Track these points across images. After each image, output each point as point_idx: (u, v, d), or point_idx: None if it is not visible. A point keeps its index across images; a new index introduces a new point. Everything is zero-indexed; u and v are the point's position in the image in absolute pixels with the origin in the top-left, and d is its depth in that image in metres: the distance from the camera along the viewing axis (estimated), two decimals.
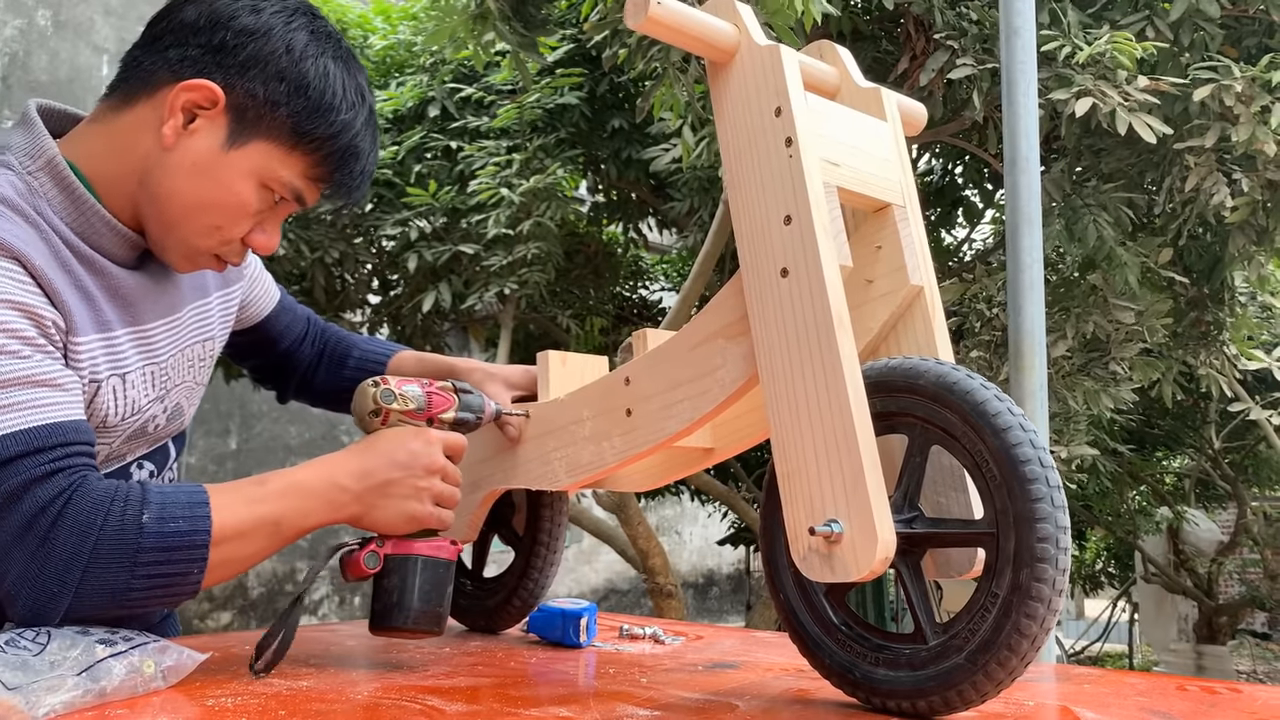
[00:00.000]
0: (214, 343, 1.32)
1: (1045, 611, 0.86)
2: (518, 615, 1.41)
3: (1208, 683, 1.23)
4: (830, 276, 0.95)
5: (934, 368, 0.95)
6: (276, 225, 1.18)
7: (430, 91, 4.56)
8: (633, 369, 1.14)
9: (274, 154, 1.11)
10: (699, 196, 4.47)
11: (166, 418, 1.23)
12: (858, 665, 0.97)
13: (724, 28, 1.03)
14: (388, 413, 1.14)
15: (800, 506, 0.94)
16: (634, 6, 0.99)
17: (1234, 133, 2.95)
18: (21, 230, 1.03)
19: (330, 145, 1.13)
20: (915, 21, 3.32)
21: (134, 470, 1.21)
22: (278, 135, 1.11)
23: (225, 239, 1.14)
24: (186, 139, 1.09)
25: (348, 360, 1.52)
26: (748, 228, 1.01)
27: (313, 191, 1.16)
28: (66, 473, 0.98)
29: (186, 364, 1.25)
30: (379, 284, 5.00)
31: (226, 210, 1.12)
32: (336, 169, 1.15)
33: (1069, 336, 3.43)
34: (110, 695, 0.90)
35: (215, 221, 1.12)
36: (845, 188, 1.02)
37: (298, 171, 1.13)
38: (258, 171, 1.11)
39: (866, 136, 1.08)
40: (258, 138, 1.10)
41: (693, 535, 10.94)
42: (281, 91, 1.09)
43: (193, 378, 1.27)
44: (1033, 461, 0.88)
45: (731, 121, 1.03)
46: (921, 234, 1.09)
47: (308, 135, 1.11)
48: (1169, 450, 7.42)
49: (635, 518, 4.82)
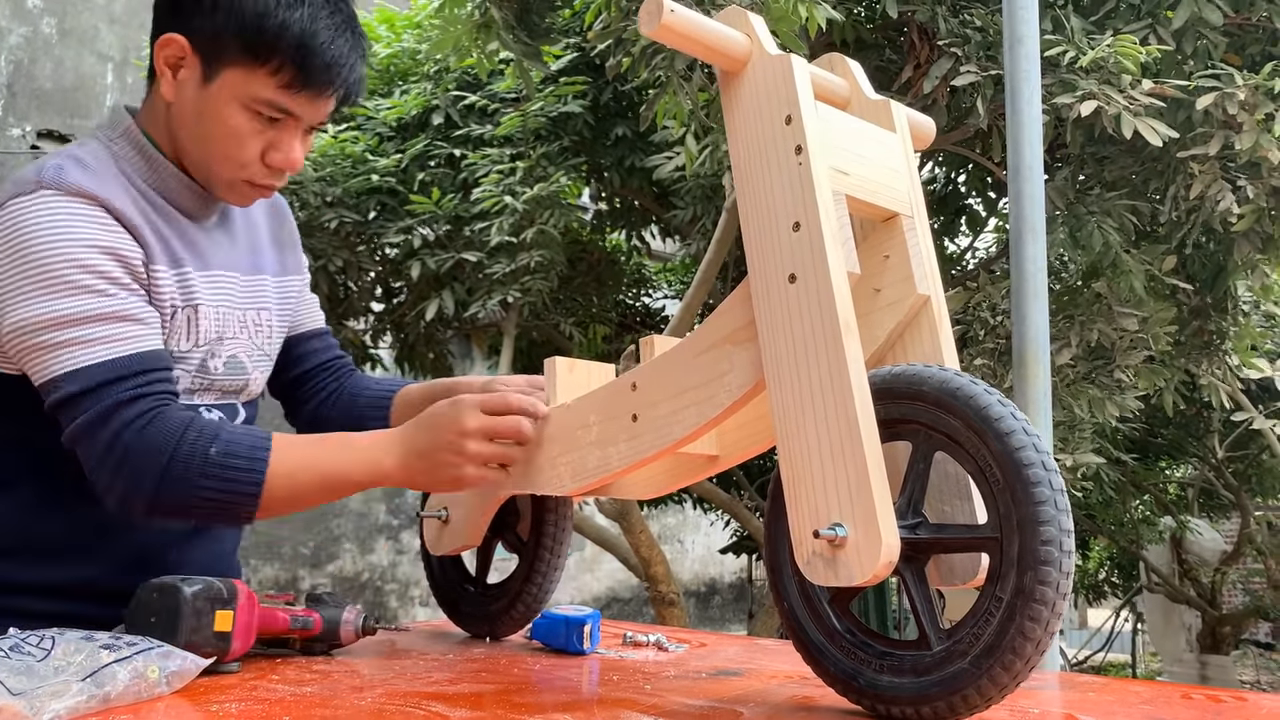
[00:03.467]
0: (270, 315, 1.42)
1: (1049, 614, 0.86)
2: (521, 622, 1.41)
3: (1213, 691, 1.23)
4: (838, 282, 0.95)
5: (937, 374, 0.95)
6: (291, 143, 1.28)
7: (434, 99, 4.56)
8: (639, 375, 1.14)
9: (240, 77, 1.23)
10: (702, 204, 4.46)
11: (224, 365, 1.33)
12: (862, 672, 0.97)
13: (736, 37, 1.04)
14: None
15: (805, 510, 0.94)
16: (647, 14, 1.00)
17: (1238, 140, 2.95)
18: (104, 181, 1.22)
19: (279, 47, 1.21)
20: (919, 29, 3.32)
21: (204, 412, 1.30)
22: (236, 58, 1.22)
23: (241, 163, 1.27)
24: (180, 90, 1.26)
25: (362, 394, 1.56)
26: (756, 234, 1.02)
27: (294, 100, 1.24)
28: (149, 398, 1.15)
29: (239, 324, 1.36)
30: (382, 292, 4.99)
31: (227, 139, 1.25)
32: (299, 70, 1.22)
33: (1073, 344, 3.42)
34: (114, 700, 0.90)
35: (223, 150, 1.26)
36: (854, 196, 1.03)
37: (268, 86, 1.23)
38: (235, 96, 1.23)
39: (875, 147, 1.09)
40: (223, 67, 1.23)
41: (695, 543, 10.92)
42: (222, 19, 1.21)
43: (248, 338, 1.37)
44: (1036, 465, 0.88)
45: (742, 129, 1.04)
46: (929, 244, 1.10)
47: (256, 48, 1.21)
48: (1172, 459, 7.40)
49: (637, 526, 4.81)
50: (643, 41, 2.88)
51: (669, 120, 3.27)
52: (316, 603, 1.25)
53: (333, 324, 4.59)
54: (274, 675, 1.09)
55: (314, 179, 4.31)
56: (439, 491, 1.30)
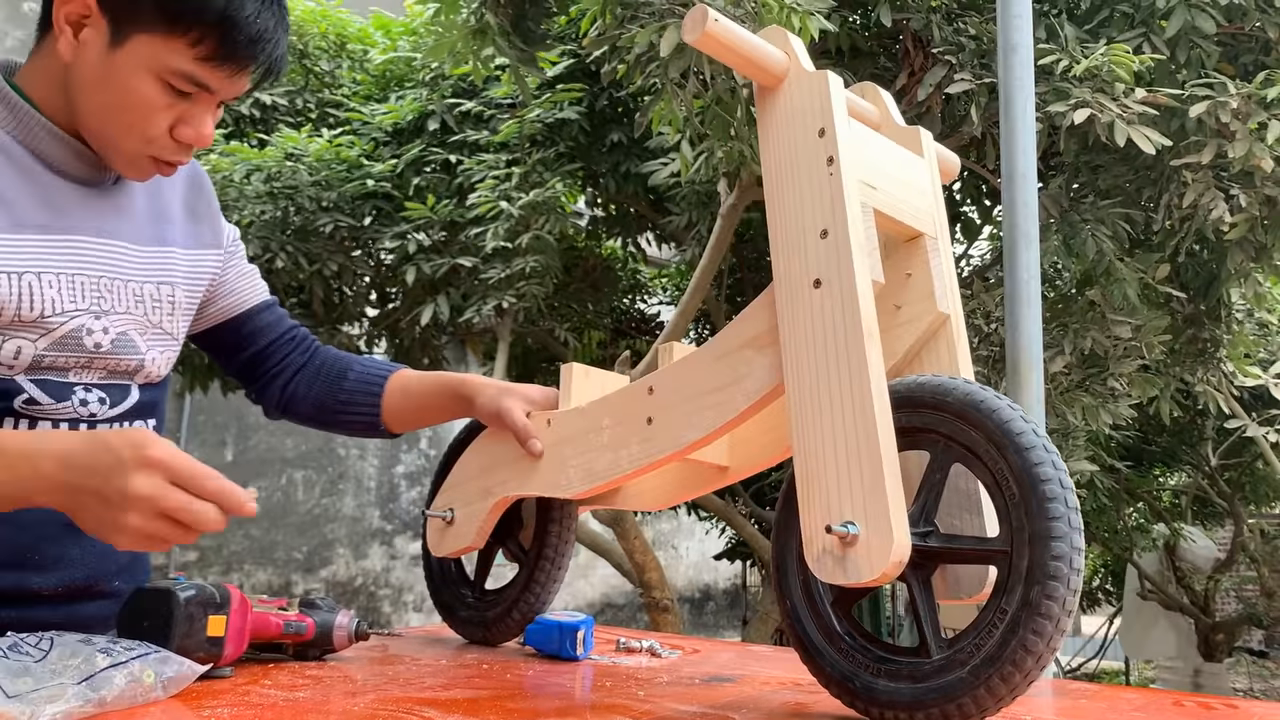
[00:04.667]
0: (174, 291, 1.31)
1: (1053, 630, 0.87)
2: (516, 628, 1.41)
3: (1204, 698, 1.23)
4: (863, 288, 0.97)
5: (962, 385, 0.96)
6: (203, 117, 1.18)
7: (430, 105, 4.58)
8: (657, 379, 1.15)
9: (154, 44, 1.12)
10: (697, 211, 4.48)
11: (110, 342, 1.23)
12: (859, 675, 0.97)
13: (775, 53, 1.06)
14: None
15: (818, 508, 0.95)
16: (692, 22, 1.02)
17: (1230, 149, 2.96)
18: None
19: (200, 20, 1.11)
20: (913, 38, 3.33)
21: (77, 389, 1.21)
22: (150, 24, 1.11)
23: (147, 137, 1.16)
24: (81, 51, 1.14)
25: (347, 374, 1.49)
26: (784, 240, 1.03)
27: (213, 74, 1.15)
28: None
29: (134, 298, 1.26)
30: (377, 297, 5.00)
31: (133, 110, 1.14)
32: (221, 43, 1.13)
33: (1067, 352, 3.43)
34: (110, 705, 0.90)
35: (128, 121, 1.15)
36: (881, 211, 1.05)
37: (185, 57, 1.13)
38: (147, 65, 1.12)
39: (904, 167, 1.12)
40: (134, 32, 1.11)
41: (689, 550, 10.92)
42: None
43: (144, 313, 1.27)
44: (1053, 481, 0.89)
45: (775, 140, 1.06)
46: (951, 265, 1.13)
47: (176, 16, 1.11)
48: (1166, 467, 7.42)
49: (632, 532, 4.82)
50: (637, 48, 2.88)
51: (664, 127, 3.27)
52: (310, 608, 1.25)
53: (327, 328, 4.60)
54: (266, 680, 1.09)
55: (309, 183, 4.32)
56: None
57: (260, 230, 4.21)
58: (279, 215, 4.28)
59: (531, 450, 1.29)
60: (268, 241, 4.21)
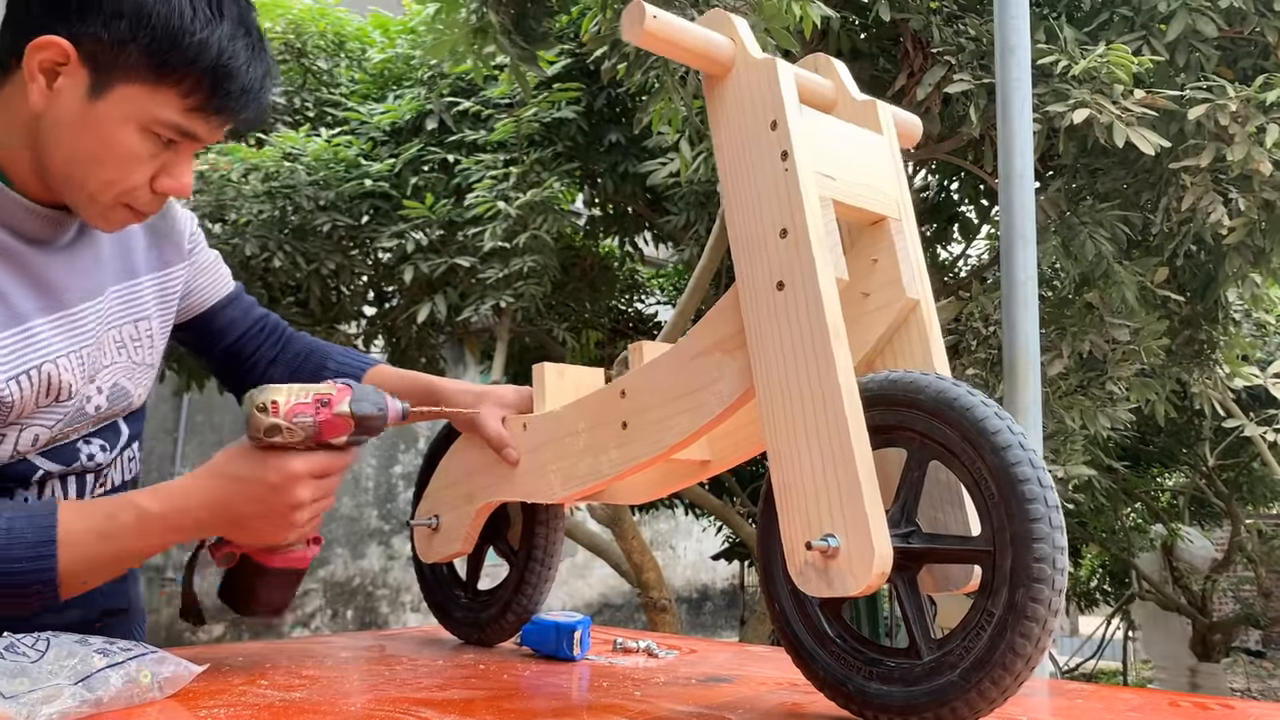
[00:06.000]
0: (150, 323, 1.28)
1: (1040, 631, 0.86)
2: (512, 629, 1.41)
3: (1200, 698, 1.23)
4: (826, 289, 0.95)
5: (935, 383, 0.95)
6: (184, 166, 1.13)
7: (428, 104, 4.58)
8: (629, 382, 1.14)
9: (140, 95, 1.06)
10: (696, 210, 4.48)
11: (107, 399, 1.21)
12: (851, 678, 0.97)
13: (720, 41, 1.03)
14: (271, 442, 1.07)
15: (797, 521, 0.94)
16: (630, 19, 0.99)
17: (1229, 152, 2.96)
18: None
19: (193, 71, 1.06)
20: (913, 38, 3.34)
21: (80, 446, 1.19)
22: (137, 75, 1.05)
23: (127, 189, 1.10)
24: (55, 99, 1.05)
25: (323, 370, 1.46)
26: (743, 241, 1.01)
27: (200, 123, 1.10)
28: None
29: (116, 345, 1.22)
30: (374, 296, 5.00)
31: (114, 163, 1.08)
32: (212, 94, 1.08)
33: (1065, 355, 3.43)
34: (106, 705, 0.90)
35: (107, 176, 1.08)
36: (841, 201, 1.02)
37: (173, 108, 1.07)
38: (132, 116, 1.06)
39: (862, 150, 1.08)
40: (118, 82, 1.05)
41: (687, 550, 10.93)
42: (124, 29, 1.03)
43: (127, 358, 1.25)
44: (1031, 481, 0.88)
45: (727, 134, 1.04)
46: (917, 247, 1.09)
47: (165, 67, 1.05)
48: (1164, 467, 7.43)
49: (629, 532, 4.82)
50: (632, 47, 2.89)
51: (663, 126, 3.28)
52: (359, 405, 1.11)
53: (324, 327, 4.59)
54: (263, 681, 1.09)
55: (307, 183, 4.32)
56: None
57: (258, 229, 4.21)
58: (276, 214, 4.28)
59: (507, 459, 1.28)
60: (265, 240, 4.21)
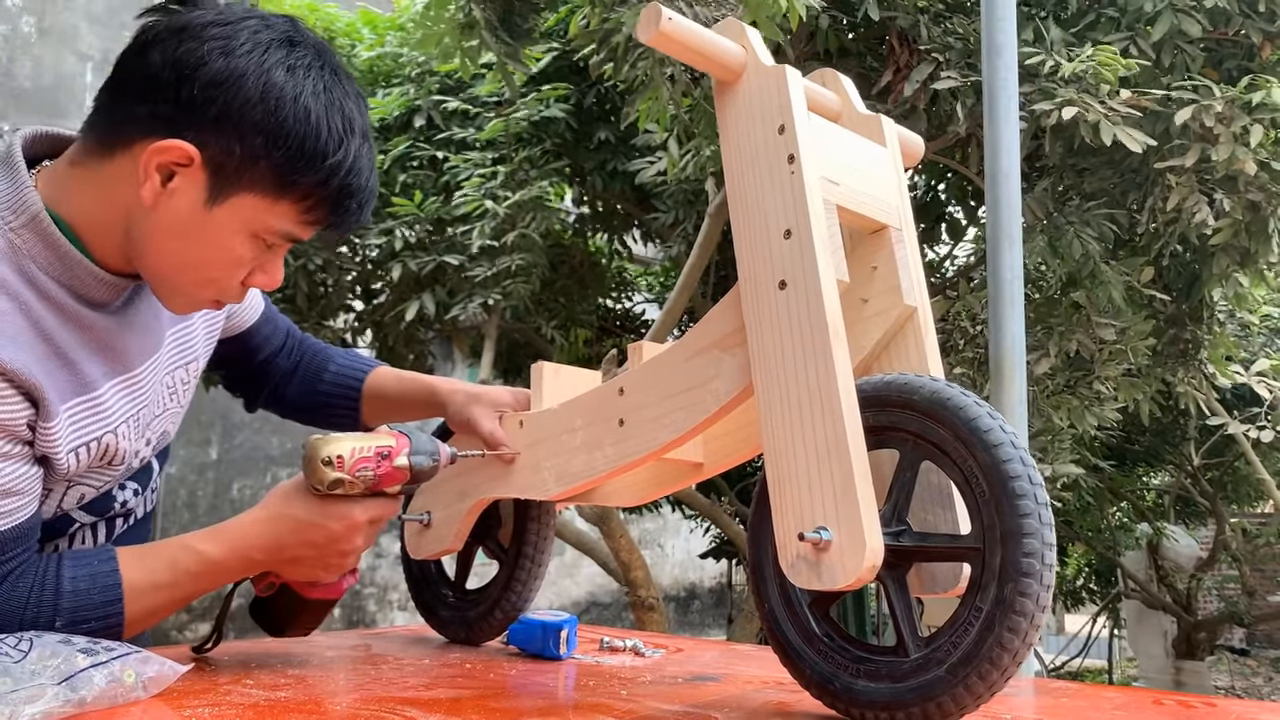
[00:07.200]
0: (197, 364, 1.30)
1: (1028, 626, 0.87)
2: (499, 627, 1.41)
3: (1184, 697, 1.24)
4: (827, 289, 0.96)
5: (928, 384, 0.97)
6: (278, 263, 1.13)
7: (416, 101, 4.57)
8: (627, 380, 1.15)
9: (260, 205, 1.05)
10: (683, 209, 4.48)
11: (151, 449, 1.22)
12: (838, 676, 0.97)
13: (732, 48, 1.05)
14: (331, 484, 1.12)
15: (790, 513, 0.95)
16: (646, 21, 1.01)
17: (1214, 153, 2.98)
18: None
19: (320, 191, 1.06)
20: (899, 36, 3.34)
21: (115, 493, 1.19)
22: (262, 187, 1.04)
23: (225, 287, 1.11)
24: (167, 199, 1.03)
25: (323, 374, 1.49)
26: (748, 241, 1.03)
27: (310, 231, 1.11)
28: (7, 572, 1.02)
29: (168, 392, 1.23)
30: (362, 292, 4.99)
31: (219, 266, 1.08)
32: (334, 210, 1.09)
33: (1052, 354, 3.44)
34: (90, 705, 0.90)
35: (210, 276, 1.09)
36: (844, 206, 1.04)
37: (290, 219, 1.07)
38: (246, 225, 1.06)
39: (866, 159, 1.11)
40: (241, 191, 1.04)
41: (675, 548, 10.93)
42: (260, 144, 1.02)
43: (176, 403, 1.26)
44: (1022, 478, 0.89)
45: (735, 138, 1.05)
46: (916, 256, 1.12)
47: (293, 185, 1.05)
48: (1149, 467, 7.46)
49: (617, 530, 4.82)
50: (625, 29, 2.88)
51: (651, 125, 3.28)
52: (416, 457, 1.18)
53: (312, 322, 4.58)
54: (249, 680, 1.09)
55: None
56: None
57: None
58: None
59: (502, 458, 1.29)
60: None
